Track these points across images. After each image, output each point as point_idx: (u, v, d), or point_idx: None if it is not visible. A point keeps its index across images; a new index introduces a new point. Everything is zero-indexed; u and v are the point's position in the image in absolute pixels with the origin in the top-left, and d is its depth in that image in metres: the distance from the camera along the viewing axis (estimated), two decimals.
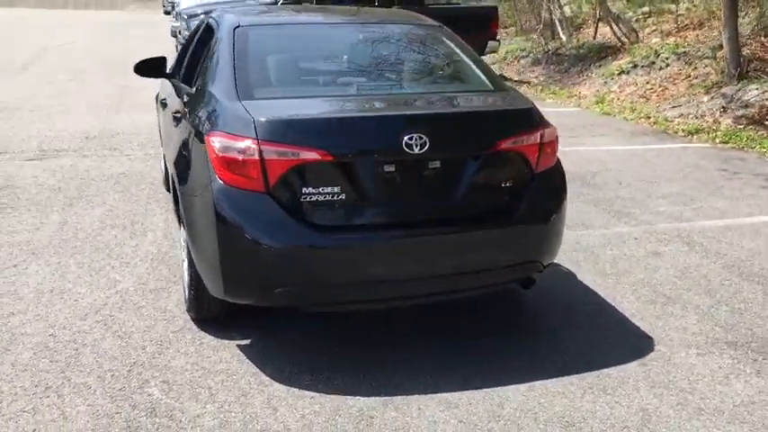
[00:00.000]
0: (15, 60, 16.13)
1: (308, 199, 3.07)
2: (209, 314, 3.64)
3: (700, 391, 3.30)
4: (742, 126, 8.76)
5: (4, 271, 4.47)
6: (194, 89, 3.84)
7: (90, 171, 6.83)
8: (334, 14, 4.87)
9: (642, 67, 11.75)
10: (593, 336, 3.81)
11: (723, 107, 9.35)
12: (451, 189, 3.27)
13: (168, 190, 5.17)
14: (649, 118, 9.86)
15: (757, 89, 9.25)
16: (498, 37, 15.13)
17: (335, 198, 3.09)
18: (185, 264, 3.69)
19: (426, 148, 3.13)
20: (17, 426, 2.92)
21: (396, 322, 3.86)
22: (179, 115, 3.94)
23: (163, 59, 4.92)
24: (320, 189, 3.06)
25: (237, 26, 3.84)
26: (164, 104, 5.14)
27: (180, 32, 15.51)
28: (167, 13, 24.10)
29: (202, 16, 6.81)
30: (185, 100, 3.92)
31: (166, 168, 5.19)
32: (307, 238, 3.05)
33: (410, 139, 3.10)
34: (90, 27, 27.44)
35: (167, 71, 4.83)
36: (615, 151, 8.15)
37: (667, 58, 11.46)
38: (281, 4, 12.47)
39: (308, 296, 3.20)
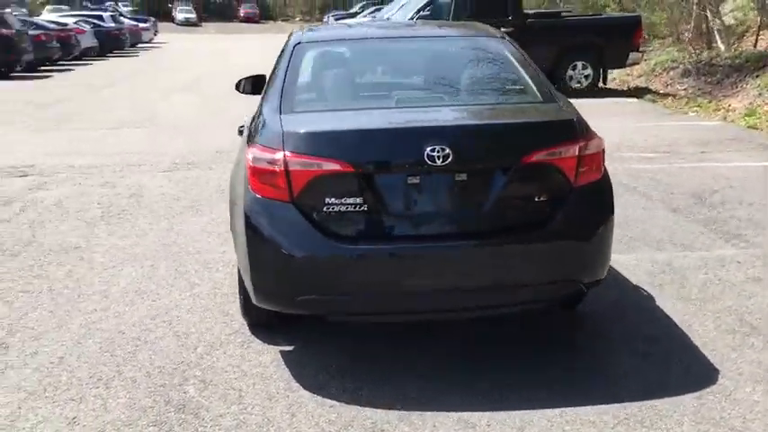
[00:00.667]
0: (179, 81, 17.53)
1: (331, 209, 3.12)
2: (258, 320, 3.78)
3: (752, 430, 2.98)
4: None
5: (102, 272, 4.89)
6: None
7: (209, 183, 7.29)
8: (398, 29, 4.90)
9: None
10: (648, 363, 3.55)
11: None
12: (479, 201, 3.20)
13: None
14: None
15: None
16: (644, 48, 14.40)
17: (358, 209, 3.12)
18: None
19: (450, 160, 3.09)
20: (61, 412, 3.19)
21: (437, 334, 3.82)
22: (242, 129, 4.14)
23: (262, 77, 5.17)
24: (343, 200, 3.11)
25: (298, 43, 3.99)
26: None
27: None
28: None
29: None
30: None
31: None
32: (328, 247, 3.11)
33: (432, 150, 3.07)
34: (270, 51, 29.21)
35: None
36: (746, 168, 7.51)
37: None
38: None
39: (330, 305, 3.25)
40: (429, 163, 3.08)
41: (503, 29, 13.14)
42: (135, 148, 9.32)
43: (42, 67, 21.55)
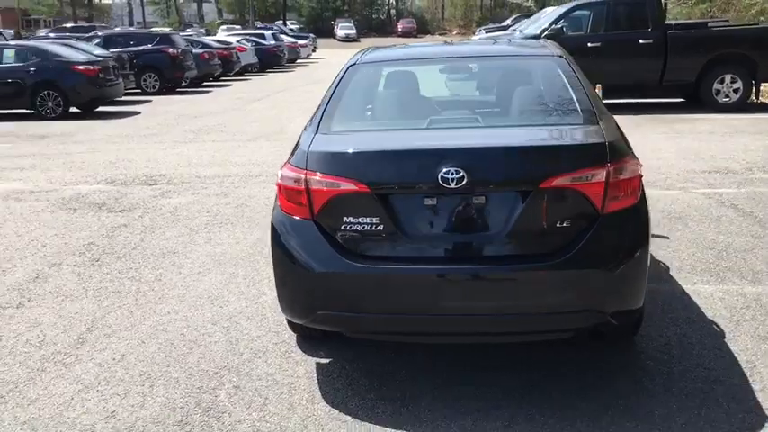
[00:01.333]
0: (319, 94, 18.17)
1: (348, 228, 3.18)
2: (297, 331, 3.90)
3: None
4: None
5: (187, 277, 5.23)
6: None
7: None
8: (457, 47, 4.84)
9: None
10: (690, 405, 3.29)
11: None
12: (497, 225, 3.13)
13: None
14: None
15: None
16: None
17: (374, 228, 3.16)
18: None
19: (464, 182, 3.05)
20: (105, 406, 3.47)
21: (465, 356, 3.75)
22: None
23: None
24: (360, 219, 3.16)
25: (353, 64, 4.08)
26: None
27: None
28: None
29: None
30: None
31: None
32: (344, 265, 3.17)
33: (447, 173, 3.05)
34: None
35: None
36: None
37: None
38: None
39: (347, 322, 3.30)
40: (443, 185, 3.06)
41: (641, 41, 12.82)
42: (260, 159, 9.83)
43: (205, 83, 23.23)
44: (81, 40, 20.09)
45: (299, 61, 37.26)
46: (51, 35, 30.43)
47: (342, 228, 3.20)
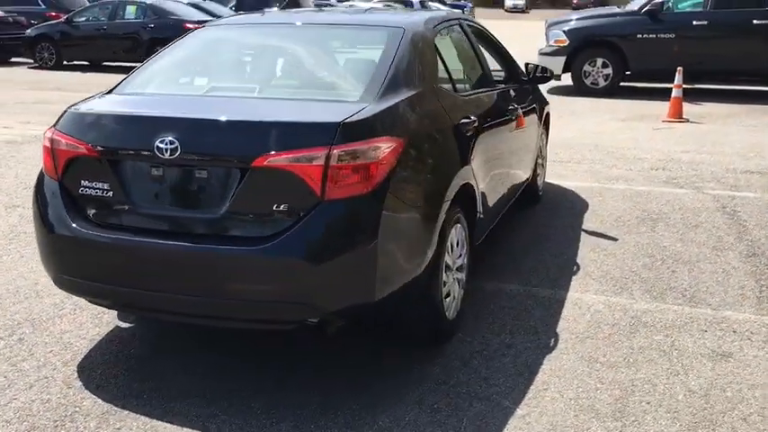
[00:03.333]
0: None
1: (85, 192, 3.12)
2: None
3: None
4: None
5: None
6: None
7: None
8: (311, 15, 4.51)
9: None
10: (434, 420, 2.96)
11: None
12: (216, 203, 2.93)
13: None
14: None
15: None
16: None
17: (106, 195, 3.08)
18: None
19: (178, 153, 2.90)
20: None
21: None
22: None
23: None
24: (94, 184, 3.09)
25: (203, 26, 4.05)
26: None
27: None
28: None
29: None
30: None
31: None
32: (74, 230, 3.09)
33: (161, 142, 2.91)
34: None
35: None
36: None
37: None
38: None
39: (84, 289, 3.23)
40: (158, 155, 2.92)
41: (755, 21, 11.38)
42: None
43: None
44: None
45: None
46: None
47: (80, 192, 3.15)
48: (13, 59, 18.31)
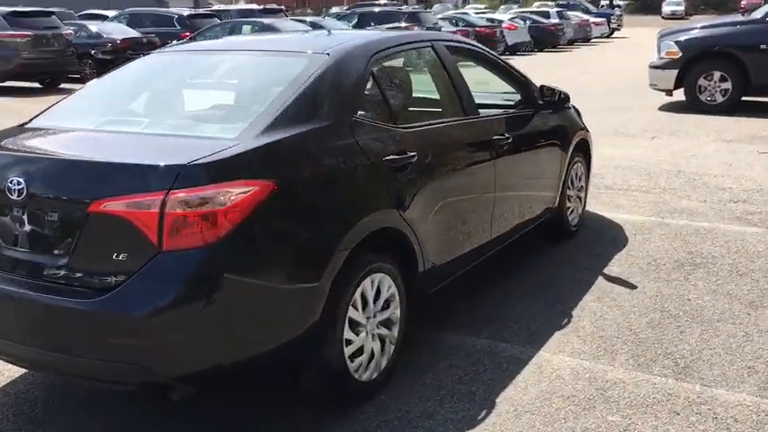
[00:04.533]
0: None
1: None
2: None
3: None
4: None
5: None
6: None
7: None
8: (242, 41, 4.22)
9: None
10: None
11: None
12: (61, 249, 2.72)
13: None
14: None
15: None
16: None
17: None
18: None
19: (24, 195, 2.73)
20: None
21: None
22: None
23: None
24: None
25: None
26: None
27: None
28: None
29: None
30: None
31: None
32: None
33: (10, 182, 2.75)
34: None
35: None
36: None
37: None
38: None
39: None
40: (8, 195, 2.77)
41: None
42: None
43: None
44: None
45: (593, 41, 35.31)
46: None
47: None
48: None
